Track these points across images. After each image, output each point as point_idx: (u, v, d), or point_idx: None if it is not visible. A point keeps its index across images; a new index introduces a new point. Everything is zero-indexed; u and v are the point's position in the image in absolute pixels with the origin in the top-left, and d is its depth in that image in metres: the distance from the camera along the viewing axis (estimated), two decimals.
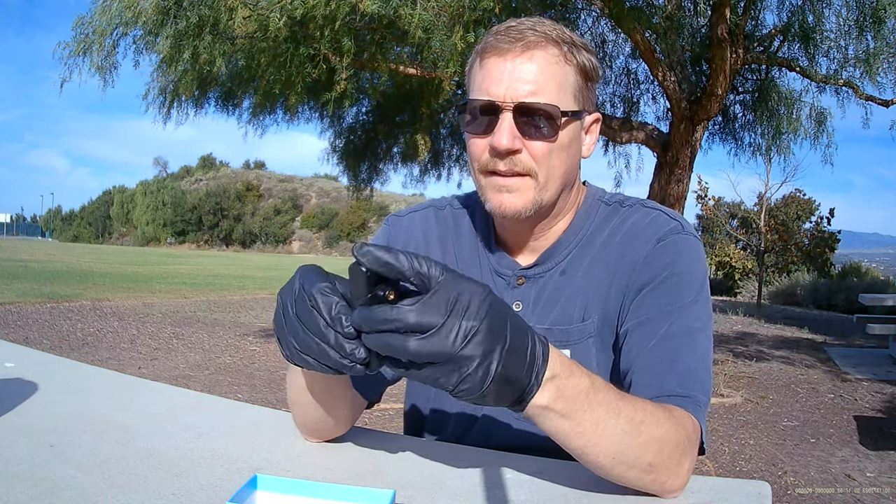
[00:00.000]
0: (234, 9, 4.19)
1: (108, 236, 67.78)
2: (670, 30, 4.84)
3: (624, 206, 0.95)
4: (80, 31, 4.79)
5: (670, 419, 0.72)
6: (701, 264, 0.89)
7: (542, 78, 0.83)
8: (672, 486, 0.72)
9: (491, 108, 0.83)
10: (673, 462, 0.70)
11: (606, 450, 0.66)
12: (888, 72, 4.79)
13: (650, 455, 0.68)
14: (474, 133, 0.86)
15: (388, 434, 0.95)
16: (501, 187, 0.85)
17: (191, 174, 72.94)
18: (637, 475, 0.69)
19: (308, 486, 0.63)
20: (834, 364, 6.64)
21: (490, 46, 0.85)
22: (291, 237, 66.18)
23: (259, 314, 9.72)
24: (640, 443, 0.68)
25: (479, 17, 4.16)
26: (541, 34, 0.84)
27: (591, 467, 0.69)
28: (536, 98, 0.82)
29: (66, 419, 0.89)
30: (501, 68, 0.83)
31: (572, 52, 0.85)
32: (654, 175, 5.81)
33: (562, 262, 0.93)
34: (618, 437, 0.66)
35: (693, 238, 0.89)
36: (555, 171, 0.86)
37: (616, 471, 0.68)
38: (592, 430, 0.65)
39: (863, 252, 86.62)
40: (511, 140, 0.82)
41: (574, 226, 0.94)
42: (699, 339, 0.83)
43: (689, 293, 0.85)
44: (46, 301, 9.43)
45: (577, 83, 0.86)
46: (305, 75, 4.75)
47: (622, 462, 0.67)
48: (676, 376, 0.79)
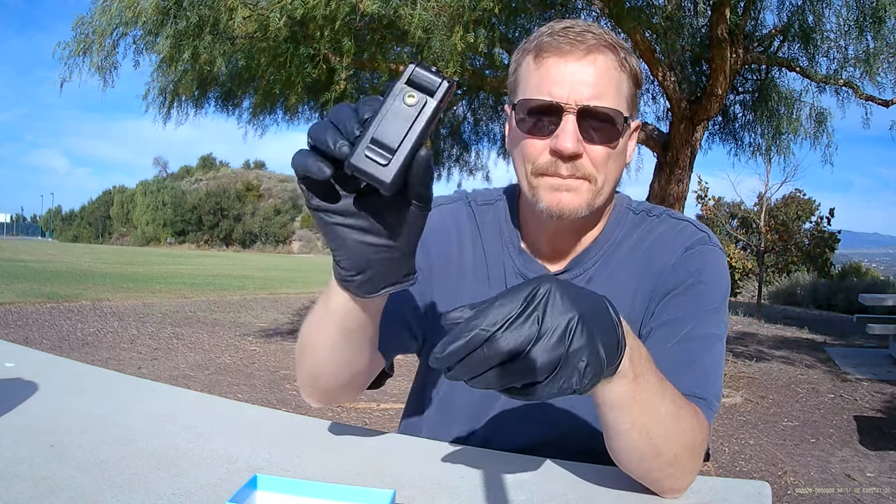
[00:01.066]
0: (234, 9, 4.19)
1: (108, 236, 67.76)
2: (670, 30, 4.85)
3: (651, 215, 0.95)
4: (80, 31, 4.80)
5: (697, 415, 0.74)
6: (726, 276, 0.90)
7: (604, 82, 0.82)
8: (681, 484, 0.72)
9: (553, 109, 0.82)
10: (692, 458, 0.72)
11: (650, 428, 0.67)
12: (888, 72, 4.80)
13: (678, 445, 0.70)
14: (532, 134, 0.84)
15: (388, 434, 0.95)
16: (560, 186, 0.84)
17: (191, 174, 72.91)
18: (660, 465, 0.69)
19: (308, 486, 0.63)
20: (834, 364, 6.64)
21: (548, 46, 0.83)
22: (291, 237, 66.15)
23: (259, 314, 9.72)
24: (676, 429, 0.69)
25: (478, 17, 4.16)
26: (599, 38, 0.83)
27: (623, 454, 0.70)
28: (600, 102, 0.81)
29: (66, 419, 0.89)
30: (563, 70, 0.82)
31: (627, 59, 0.85)
32: (654, 175, 5.81)
33: (590, 269, 0.93)
34: (660, 416, 0.68)
35: (720, 250, 0.91)
36: (611, 176, 0.86)
37: (649, 460, 0.69)
38: (647, 401, 0.65)
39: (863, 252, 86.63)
40: (576, 144, 0.81)
41: (605, 233, 0.94)
42: (717, 346, 0.84)
43: (713, 301, 0.86)
44: (46, 301, 9.43)
45: (630, 90, 0.86)
46: (305, 75, 4.75)
47: (655, 446, 0.68)
48: (694, 377, 0.79)
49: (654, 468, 0.70)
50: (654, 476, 0.71)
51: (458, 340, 0.52)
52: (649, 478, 0.71)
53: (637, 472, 0.72)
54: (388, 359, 0.94)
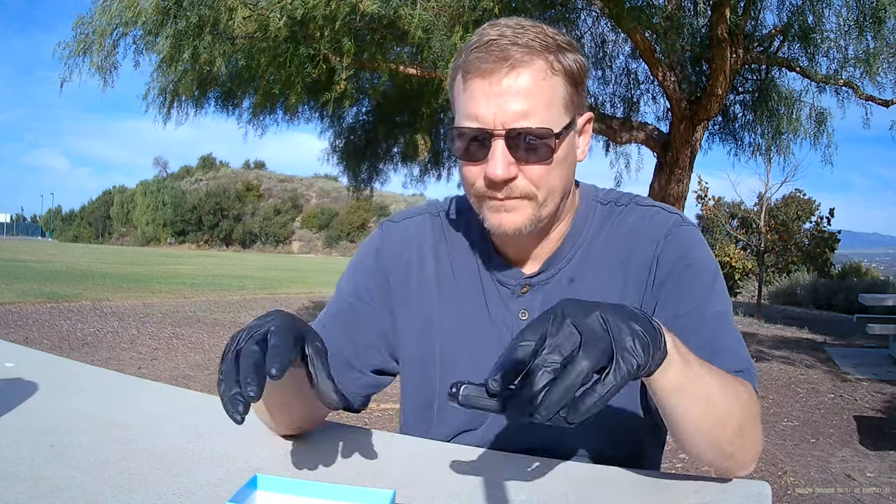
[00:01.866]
0: (234, 9, 4.19)
1: (108, 236, 67.77)
2: (670, 30, 4.85)
3: (619, 204, 0.95)
4: (80, 31, 4.80)
5: (744, 384, 0.76)
6: (708, 250, 0.91)
7: (531, 99, 0.80)
8: (751, 455, 0.76)
9: (481, 135, 0.81)
10: (754, 426, 0.75)
11: (710, 404, 0.69)
12: (888, 72, 4.80)
13: (738, 415, 0.72)
14: (467, 160, 0.84)
15: (387, 434, 0.95)
16: (499, 207, 0.84)
17: (191, 174, 72.95)
18: (729, 439, 0.72)
19: (308, 486, 0.63)
20: (834, 364, 6.64)
21: (472, 66, 0.81)
22: (291, 237, 66.16)
23: (259, 314, 9.72)
24: (731, 400, 0.72)
25: (478, 17, 4.16)
26: (524, 48, 0.80)
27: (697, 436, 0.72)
28: (528, 121, 0.79)
29: (66, 419, 0.89)
30: (487, 91, 0.80)
31: (558, 60, 0.82)
32: (654, 175, 5.81)
33: (565, 267, 0.92)
34: (717, 391, 0.70)
35: (694, 227, 0.92)
36: (554, 188, 0.85)
37: (718, 435, 0.71)
38: (700, 379, 0.68)
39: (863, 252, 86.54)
40: (506, 168, 0.80)
41: (574, 229, 0.94)
42: (728, 320, 0.86)
43: (707, 280, 0.88)
44: (46, 301, 9.43)
45: (566, 92, 0.83)
46: (305, 75, 4.75)
47: (722, 421, 0.71)
48: (723, 357, 0.80)
49: (725, 443, 0.72)
50: (727, 451, 0.73)
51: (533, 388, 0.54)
52: (723, 455, 0.73)
53: (709, 454, 0.74)
54: (353, 400, 0.97)
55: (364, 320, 0.98)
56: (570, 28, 5.77)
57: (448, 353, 0.95)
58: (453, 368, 0.95)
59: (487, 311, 0.94)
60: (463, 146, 0.83)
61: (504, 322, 0.93)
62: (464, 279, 0.96)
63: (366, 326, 0.97)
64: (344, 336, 0.97)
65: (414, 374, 0.99)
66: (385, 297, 0.98)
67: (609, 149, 7.04)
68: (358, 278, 1.00)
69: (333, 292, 1.03)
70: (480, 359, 0.93)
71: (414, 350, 0.98)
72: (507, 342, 0.90)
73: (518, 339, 0.56)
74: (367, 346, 0.98)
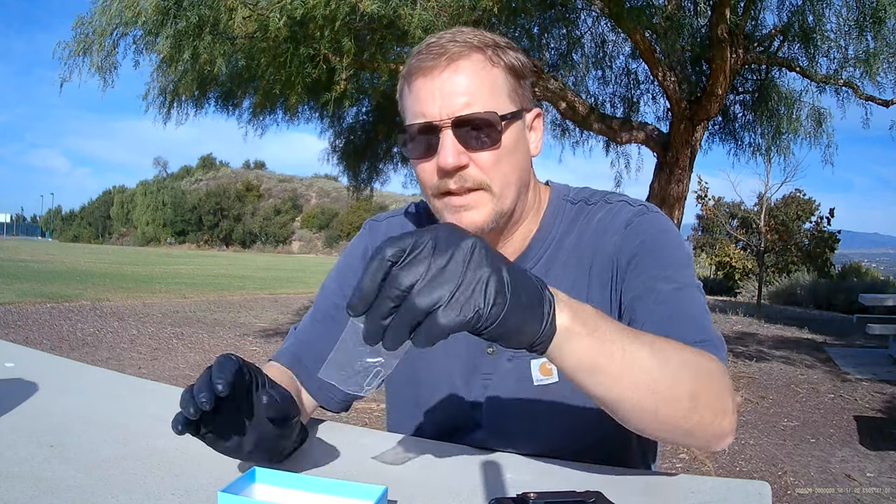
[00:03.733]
0: (234, 9, 4.19)
1: (108, 236, 67.79)
2: (670, 30, 4.85)
3: (589, 203, 0.94)
4: (80, 31, 4.80)
5: (693, 350, 0.71)
6: (673, 231, 0.89)
7: (473, 87, 0.81)
8: (722, 425, 0.70)
9: (429, 129, 0.82)
10: (717, 396, 0.69)
11: (640, 379, 0.64)
12: (888, 72, 4.79)
13: (687, 382, 0.67)
14: (419, 158, 0.84)
15: (387, 434, 0.95)
16: (458, 207, 0.84)
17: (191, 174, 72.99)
18: (685, 412, 0.67)
19: (304, 480, 0.64)
20: (834, 364, 6.63)
21: (414, 68, 0.83)
22: (291, 237, 66.18)
23: (259, 314, 9.72)
24: (671, 369, 0.66)
25: (478, 17, 4.16)
26: (462, 44, 0.82)
27: (635, 415, 0.66)
28: (472, 109, 0.81)
29: (66, 419, 0.89)
30: (430, 87, 0.82)
31: (497, 55, 0.84)
32: (654, 175, 5.81)
33: (533, 268, 0.92)
34: (647, 363, 0.64)
35: (659, 214, 0.91)
36: (508, 178, 0.85)
37: (663, 411, 0.66)
38: (621, 357, 0.63)
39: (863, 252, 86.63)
40: (457, 156, 0.81)
41: (543, 229, 0.93)
42: (693, 293, 0.83)
43: (670, 256, 0.86)
44: (46, 301, 9.43)
45: (509, 83, 0.85)
46: (305, 75, 4.75)
47: (663, 396, 0.65)
48: (682, 330, 0.77)
49: (678, 419, 0.67)
50: (684, 428, 0.68)
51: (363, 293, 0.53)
52: (681, 432, 0.69)
53: (663, 433, 0.69)
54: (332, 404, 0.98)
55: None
56: (570, 28, 5.77)
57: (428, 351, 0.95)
58: (431, 368, 0.96)
59: None
60: (414, 145, 0.84)
61: None
62: None
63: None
64: (329, 336, 0.98)
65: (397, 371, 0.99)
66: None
67: (609, 149, 7.04)
68: (344, 278, 1.02)
69: (318, 292, 1.04)
70: (453, 359, 0.94)
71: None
72: (474, 343, 0.91)
73: (375, 254, 0.53)
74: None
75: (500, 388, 0.92)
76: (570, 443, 0.89)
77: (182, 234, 63.77)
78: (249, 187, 68.37)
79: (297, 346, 0.99)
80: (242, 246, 63.49)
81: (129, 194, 67.26)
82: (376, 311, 0.52)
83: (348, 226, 60.46)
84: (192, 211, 63.93)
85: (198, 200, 64.64)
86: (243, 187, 67.88)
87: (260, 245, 63.98)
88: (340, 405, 1.00)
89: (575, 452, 0.86)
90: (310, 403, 0.98)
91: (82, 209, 73.34)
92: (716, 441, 0.71)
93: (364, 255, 1.02)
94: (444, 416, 0.96)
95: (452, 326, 0.51)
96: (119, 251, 38.53)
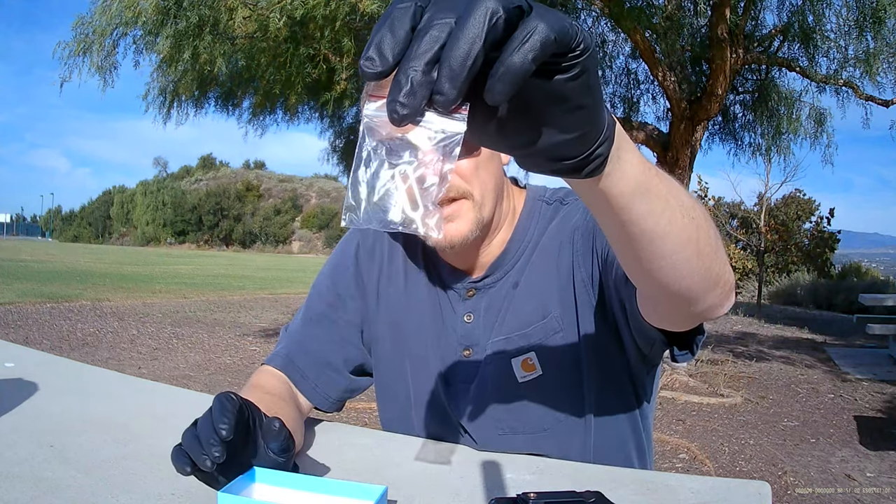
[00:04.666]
0: (234, 9, 4.19)
1: (108, 236, 67.78)
2: (670, 30, 4.85)
3: (565, 202, 0.94)
4: (80, 31, 4.80)
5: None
6: None
7: None
8: (731, 274, 0.63)
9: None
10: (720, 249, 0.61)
11: (681, 201, 0.54)
12: (888, 72, 4.80)
13: (712, 231, 0.58)
14: None
15: (387, 434, 0.95)
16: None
17: (191, 174, 72.96)
18: (714, 245, 0.59)
19: (304, 480, 0.65)
20: (834, 364, 6.63)
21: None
22: (291, 237, 66.16)
23: (259, 314, 9.72)
24: (695, 204, 0.57)
25: None
26: None
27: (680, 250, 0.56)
28: None
29: (66, 419, 0.89)
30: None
31: None
32: None
33: (511, 270, 0.92)
34: (675, 184, 0.55)
35: None
36: (487, 185, 0.85)
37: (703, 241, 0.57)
38: (655, 173, 0.52)
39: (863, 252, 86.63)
40: None
41: (518, 231, 0.93)
42: None
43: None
44: (46, 301, 9.43)
45: None
46: (305, 75, 4.75)
47: (697, 223, 0.56)
48: None
49: (712, 255, 0.58)
50: (715, 272, 0.60)
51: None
52: (712, 279, 0.60)
53: (696, 278, 0.59)
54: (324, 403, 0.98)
55: (343, 319, 0.99)
56: None
57: (415, 349, 0.96)
58: (420, 366, 0.95)
59: (441, 312, 0.94)
60: None
61: (451, 325, 0.93)
62: (419, 280, 0.97)
63: (345, 325, 0.99)
64: (324, 337, 0.98)
65: (388, 368, 1.00)
66: (362, 293, 1.00)
67: None
68: (336, 276, 1.02)
69: (311, 291, 1.04)
70: (437, 359, 0.94)
71: (388, 345, 0.99)
72: (452, 345, 0.91)
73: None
74: (348, 344, 0.99)
75: (484, 393, 0.91)
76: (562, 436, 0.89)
77: (182, 234, 63.76)
78: (249, 187, 68.37)
79: (290, 349, 0.99)
80: (242, 246, 63.48)
81: (129, 194, 67.25)
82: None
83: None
84: (192, 211, 63.93)
85: (198, 200, 64.65)
86: (243, 187, 67.87)
87: (260, 245, 63.97)
88: (335, 405, 1.00)
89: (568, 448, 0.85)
90: (305, 405, 0.97)
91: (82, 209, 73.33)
92: (728, 294, 0.64)
93: (356, 253, 1.02)
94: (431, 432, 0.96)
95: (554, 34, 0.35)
96: (119, 251, 38.54)
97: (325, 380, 0.97)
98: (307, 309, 1.02)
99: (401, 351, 0.97)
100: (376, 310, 0.99)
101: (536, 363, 0.88)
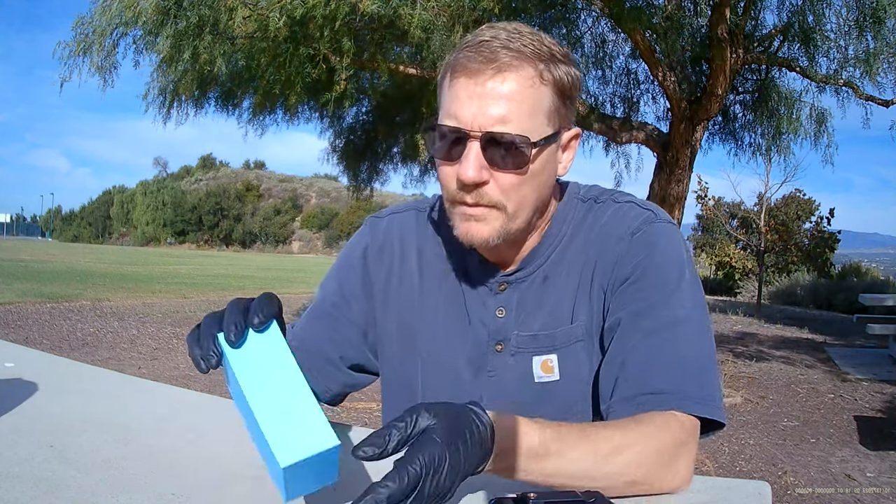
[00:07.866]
0: (234, 9, 4.19)
1: (108, 236, 67.77)
2: (670, 30, 4.85)
3: (598, 202, 0.93)
4: (80, 31, 4.80)
5: (648, 433, 0.72)
6: (678, 250, 0.86)
7: (514, 104, 0.77)
8: (669, 487, 0.71)
9: (458, 134, 0.79)
10: (659, 470, 0.70)
11: (574, 483, 0.66)
12: (888, 72, 4.80)
13: (628, 475, 0.69)
14: (442, 160, 0.82)
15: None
16: (469, 216, 0.82)
17: (191, 174, 72.93)
18: (621, 491, 0.70)
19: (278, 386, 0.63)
20: (834, 364, 6.64)
21: (460, 65, 0.79)
22: (291, 237, 66.16)
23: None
24: (608, 471, 0.68)
25: (478, 16, 4.16)
26: (515, 52, 0.77)
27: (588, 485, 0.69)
28: (506, 127, 0.77)
29: (66, 419, 0.89)
30: (470, 92, 0.78)
31: (549, 69, 0.80)
32: (654, 175, 5.81)
33: (544, 264, 0.91)
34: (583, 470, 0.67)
35: (667, 224, 0.88)
36: (525, 201, 0.83)
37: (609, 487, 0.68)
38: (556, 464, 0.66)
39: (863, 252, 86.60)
40: (478, 172, 0.78)
41: (553, 227, 0.92)
42: (685, 328, 0.80)
43: (670, 281, 0.83)
44: (46, 301, 9.43)
45: (552, 104, 0.81)
46: (305, 75, 4.75)
47: (598, 486, 0.66)
48: (660, 372, 0.77)
49: (619, 493, 0.69)
50: (628, 494, 0.70)
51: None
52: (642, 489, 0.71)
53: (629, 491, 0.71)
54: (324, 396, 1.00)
55: (346, 319, 0.99)
56: (570, 28, 5.77)
57: (428, 349, 0.95)
58: (434, 365, 0.95)
59: (466, 308, 0.93)
60: (440, 145, 0.82)
61: (481, 320, 0.92)
62: (444, 275, 0.96)
63: (348, 325, 0.99)
64: (325, 334, 0.99)
65: (395, 370, 0.99)
66: (368, 295, 0.99)
67: (609, 149, 7.04)
68: (342, 277, 1.01)
69: (318, 290, 1.04)
70: (458, 356, 0.93)
71: (395, 347, 0.98)
72: (483, 340, 0.91)
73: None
74: (348, 343, 0.99)
75: (502, 385, 0.91)
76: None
77: (182, 234, 63.74)
78: (249, 187, 68.35)
79: (292, 344, 0.99)
80: (242, 246, 63.47)
81: (129, 194, 67.20)
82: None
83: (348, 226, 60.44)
84: (192, 211, 63.90)
85: (198, 200, 64.62)
86: (243, 187, 67.85)
87: (260, 245, 63.96)
88: (335, 398, 1.02)
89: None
90: None
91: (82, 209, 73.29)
92: (665, 491, 0.73)
93: (364, 254, 1.01)
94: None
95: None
96: (119, 251, 38.54)
97: (325, 374, 0.98)
98: (313, 306, 1.02)
99: (411, 352, 0.96)
100: (384, 311, 0.99)
101: (556, 367, 0.88)
